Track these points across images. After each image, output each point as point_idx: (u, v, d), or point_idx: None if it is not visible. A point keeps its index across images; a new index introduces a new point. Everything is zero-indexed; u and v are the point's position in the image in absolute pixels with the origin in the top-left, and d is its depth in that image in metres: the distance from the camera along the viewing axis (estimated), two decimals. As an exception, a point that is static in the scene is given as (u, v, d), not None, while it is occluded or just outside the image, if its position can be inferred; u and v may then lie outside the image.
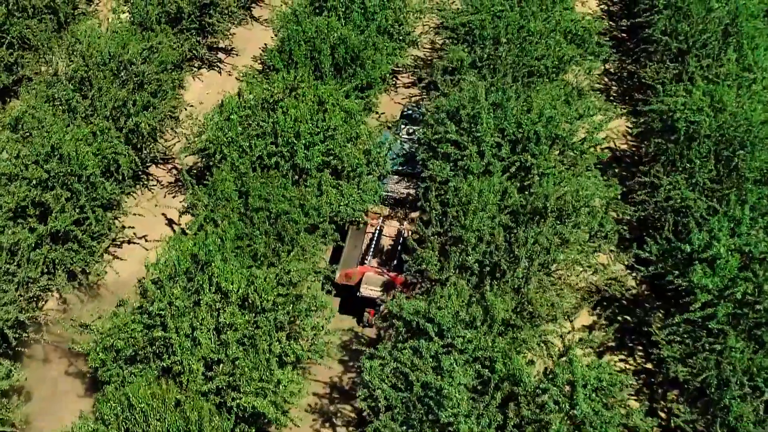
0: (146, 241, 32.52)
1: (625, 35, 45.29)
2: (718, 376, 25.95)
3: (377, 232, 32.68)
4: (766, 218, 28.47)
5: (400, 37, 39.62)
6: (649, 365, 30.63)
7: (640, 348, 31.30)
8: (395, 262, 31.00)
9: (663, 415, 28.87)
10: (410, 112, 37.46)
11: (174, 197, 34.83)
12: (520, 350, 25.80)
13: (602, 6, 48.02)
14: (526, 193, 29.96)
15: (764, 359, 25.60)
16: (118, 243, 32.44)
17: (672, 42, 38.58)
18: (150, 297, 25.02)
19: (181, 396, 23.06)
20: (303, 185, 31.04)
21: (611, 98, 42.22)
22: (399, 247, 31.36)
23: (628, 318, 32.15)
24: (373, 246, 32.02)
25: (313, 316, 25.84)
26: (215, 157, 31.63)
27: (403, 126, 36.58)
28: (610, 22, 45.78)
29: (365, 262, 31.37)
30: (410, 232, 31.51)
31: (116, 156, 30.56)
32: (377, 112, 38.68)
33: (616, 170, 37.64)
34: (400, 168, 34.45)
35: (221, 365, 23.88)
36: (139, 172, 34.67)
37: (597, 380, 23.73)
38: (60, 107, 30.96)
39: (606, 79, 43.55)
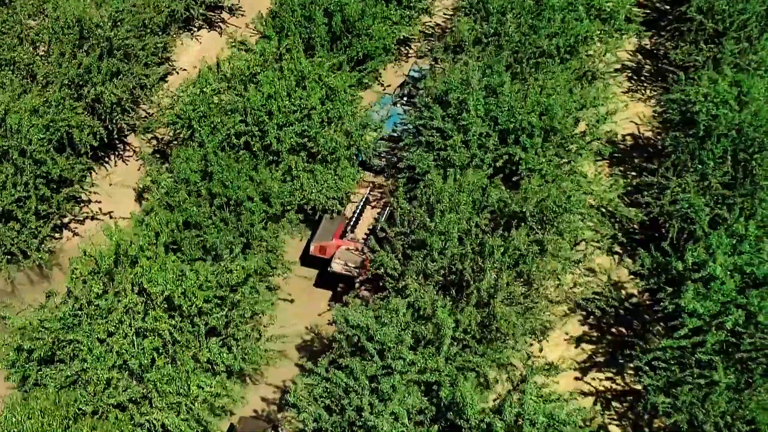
0: (111, 218, 30.67)
1: (667, 7, 41.91)
2: (697, 415, 23.31)
3: (363, 201, 30.74)
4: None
5: (411, 4, 36.79)
6: (639, 386, 28.01)
7: (633, 366, 28.61)
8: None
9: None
10: (417, 74, 34.82)
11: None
12: (480, 370, 23.47)
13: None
14: (513, 192, 27.44)
15: (750, 401, 22.88)
16: (80, 219, 30.60)
17: (708, 22, 35.29)
18: (73, 294, 23.22)
19: (88, 407, 21.23)
20: (273, 169, 28.78)
21: (642, 79, 39.09)
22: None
23: (624, 330, 29.53)
24: (355, 217, 30.41)
25: (251, 321, 23.83)
26: (183, 132, 29.56)
27: (408, 88, 34.42)
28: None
29: (347, 234, 29.81)
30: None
31: (70, 129, 28.53)
32: (382, 84, 36.20)
33: (636, 161, 34.73)
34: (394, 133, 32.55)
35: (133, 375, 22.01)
36: (116, 143, 32.74)
37: (549, 417, 21.27)
38: (20, 72, 29.04)
39: (639, 57, 40.36)
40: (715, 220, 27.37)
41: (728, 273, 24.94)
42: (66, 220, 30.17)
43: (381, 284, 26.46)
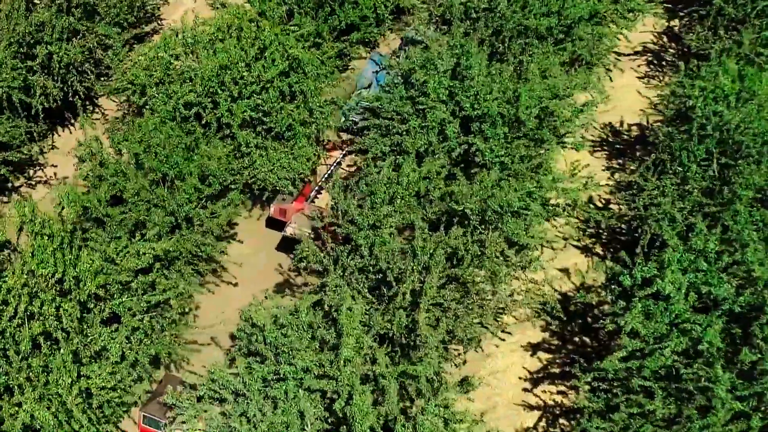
0: (64, 183, 29.86)
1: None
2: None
3: (335, 164, 29.97)
4: (747, 252, 23.32)
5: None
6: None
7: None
8: None
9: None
10: (412, 36, 33.13)
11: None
12: (386, 383, 22.08)
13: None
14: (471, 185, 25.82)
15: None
16: (32, 184, 29.92)
17: (727, 6, 32.90)
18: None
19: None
20: (225, 144, 27.63)
21: (663, 64, 36.82)
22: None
23: (588, 340, 27.85)
24: (327, 180, 29.67)
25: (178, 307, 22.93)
26: (136, 99, 28.55)
27: (403, 51, 32.71)
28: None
29: (318, 197, 29.36)
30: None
31: (10, 90, 27.66)
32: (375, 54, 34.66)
33: (638, 153, 32.66)
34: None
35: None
36: (87, 105, 31.89)
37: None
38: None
39: (664, 40, 38.04)
40: (681, 233, 25.41)
41: (683, 291, 23.01)
42: (18, 183, 29.32)
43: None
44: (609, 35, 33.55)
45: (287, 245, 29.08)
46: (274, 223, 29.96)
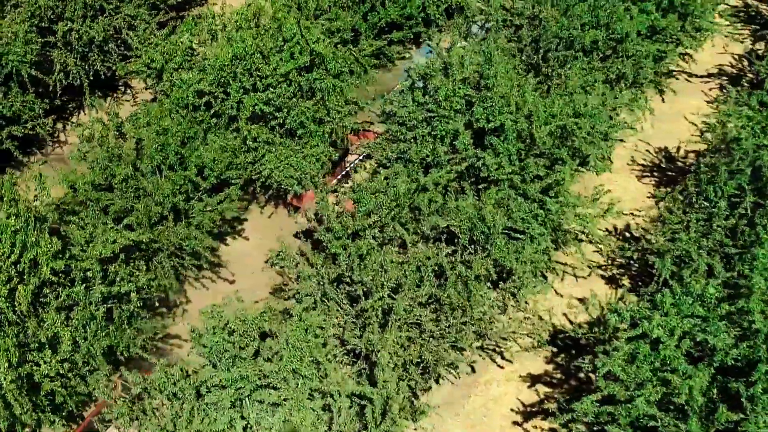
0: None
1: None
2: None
3: (364, 156, 29.80)
4: (751, 301, 21.83)
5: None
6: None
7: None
8: None
9: None
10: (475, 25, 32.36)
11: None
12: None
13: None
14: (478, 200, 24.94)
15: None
16: (45, 160, 30.36)
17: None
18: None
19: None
20: (235, 137, 27.40)
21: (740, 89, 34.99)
22: None
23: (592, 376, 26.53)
24: (349, 169, 29.53)
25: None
26: (151, 83, 28.60)
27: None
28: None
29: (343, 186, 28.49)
30: None
31: (20, 65, 27.93)
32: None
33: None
34: None
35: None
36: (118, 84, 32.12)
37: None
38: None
39: (744, 64, 36.24)
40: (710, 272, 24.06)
41: (676, 337, 21.65)
42: (35, 159, 29.69)
43: None
44: (670, 54, 32.00)
45: (306, 235, 28.47)
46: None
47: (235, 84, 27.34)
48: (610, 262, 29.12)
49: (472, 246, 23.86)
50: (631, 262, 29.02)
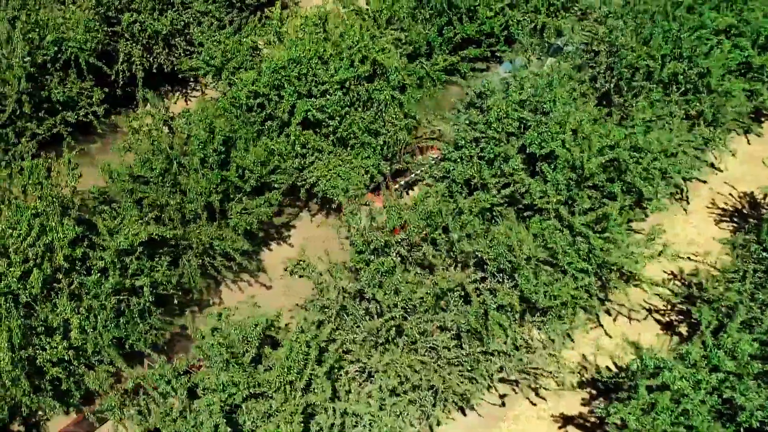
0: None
1: None
2: None
3: (435, 162, 28.82)
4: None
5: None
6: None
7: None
8: None
9: None
10: (563, 45, 31.68)
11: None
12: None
13: None
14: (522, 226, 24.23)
15: None
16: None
17: None
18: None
19: None
20: (287, 142, 27.35)
21: None
22: None
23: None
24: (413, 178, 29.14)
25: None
26: (209, 80, 28.84)
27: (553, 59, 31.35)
28: None
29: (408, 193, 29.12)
30: None
31: (79, 52, 28.39)
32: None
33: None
34: None
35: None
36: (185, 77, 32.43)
37: None
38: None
39: None
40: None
41: (703, 391, 20.56)
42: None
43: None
44: (764, 94, 30.54)
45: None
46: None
47: (289, 87, 27.19)
48: (669, 306, 27.92)
49: (501, 275, 23.10)
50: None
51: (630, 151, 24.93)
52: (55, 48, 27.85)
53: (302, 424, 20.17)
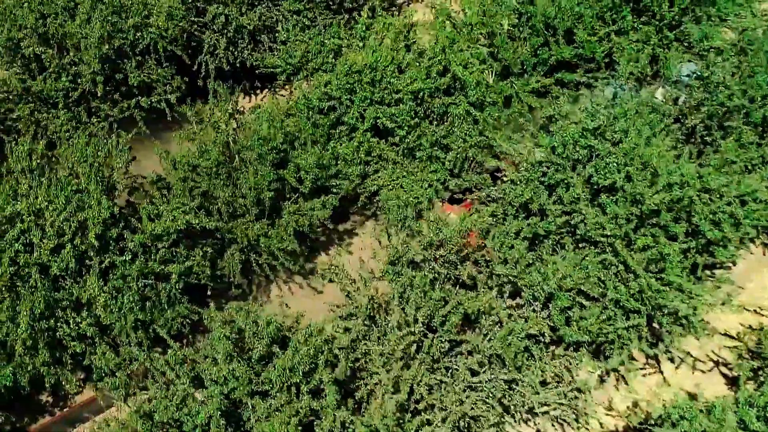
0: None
1: None
2: None
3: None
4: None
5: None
6: None
7: None
8: None
9: None
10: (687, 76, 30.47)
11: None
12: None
13: None
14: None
15: None
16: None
17: None
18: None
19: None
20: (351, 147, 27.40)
21: None
22: None
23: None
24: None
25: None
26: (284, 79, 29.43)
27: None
28: None
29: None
30: None
31: (159, 39, 28.98)
32: None
33: None
34: None
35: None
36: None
37: None
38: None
39: None
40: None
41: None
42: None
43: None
44: None
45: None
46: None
47: (361, 93, 27.14)
48: (739, 360, 26.65)
49: (536, 303, 22.50)
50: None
51: (701, 192, 23.88)
52: (136, 33, 28.44)
53: (300, 428, 20.05)
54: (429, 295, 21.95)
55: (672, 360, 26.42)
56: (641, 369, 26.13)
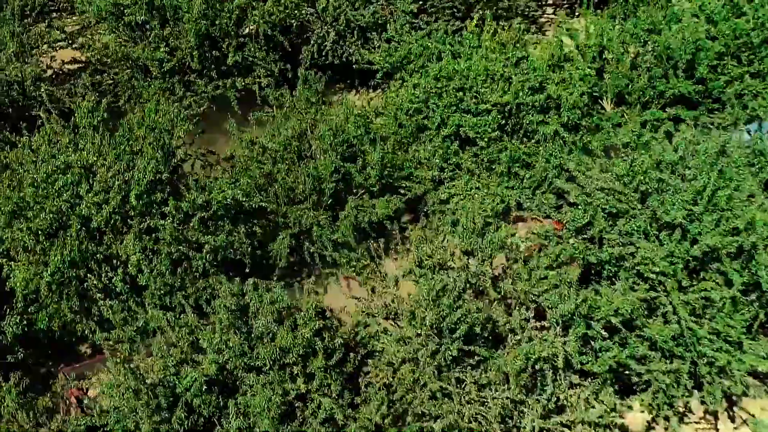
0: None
1: None
2: None
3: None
4: None
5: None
6: None
7: None
8: None
9: None
10: None
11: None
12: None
13: None
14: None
15: None
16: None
17: None
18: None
19: None
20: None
21: None
22: None
23: None
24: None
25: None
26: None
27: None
28: None
29: None
30: None
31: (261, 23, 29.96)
32: None
33: None
34: None
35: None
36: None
37: None
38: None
39: None
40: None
41: None
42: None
43: None
44: None
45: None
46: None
47: (446, 98, 27.23)
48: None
49: (558, 327, 22.03)
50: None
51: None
52: (239, 14, 29.46)
53: (279, 409, 20.29)
54: (457, 305, 21.80)
55: (733, 420, 25.25)
56: (695, 423, 25.04)
